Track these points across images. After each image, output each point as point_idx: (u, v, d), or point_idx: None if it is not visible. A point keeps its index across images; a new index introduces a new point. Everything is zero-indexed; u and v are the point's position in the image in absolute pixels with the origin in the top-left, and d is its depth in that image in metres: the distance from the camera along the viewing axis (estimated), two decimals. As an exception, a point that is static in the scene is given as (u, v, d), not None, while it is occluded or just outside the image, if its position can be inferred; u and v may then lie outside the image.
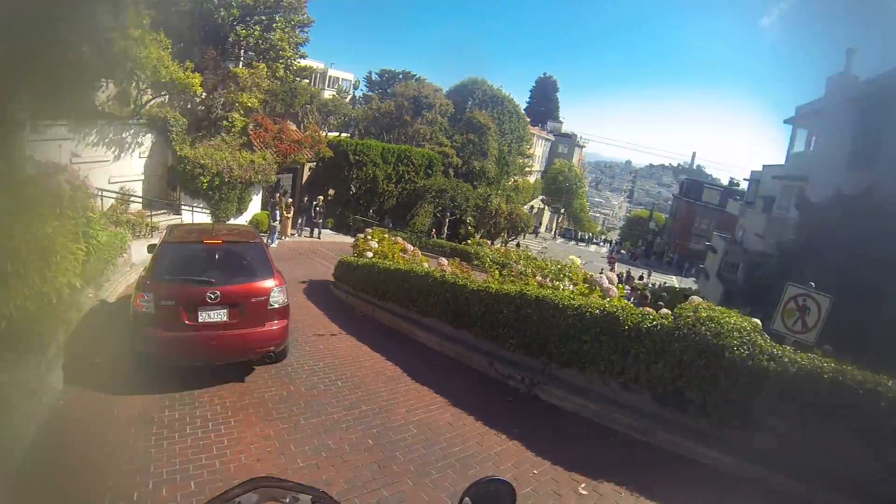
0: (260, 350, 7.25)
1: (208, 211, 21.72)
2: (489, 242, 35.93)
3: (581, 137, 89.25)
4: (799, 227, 19.92)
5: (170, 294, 6.75)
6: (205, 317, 6.81)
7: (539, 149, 74.19)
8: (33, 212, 5.80)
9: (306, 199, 25.03)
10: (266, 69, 24.25)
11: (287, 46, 26.88)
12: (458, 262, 15.62)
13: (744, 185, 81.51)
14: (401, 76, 51.47)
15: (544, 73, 69.59)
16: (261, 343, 7.18)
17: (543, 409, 7.84)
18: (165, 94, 22.42)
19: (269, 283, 7.30)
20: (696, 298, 8.70)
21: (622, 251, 73.33)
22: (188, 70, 20.78)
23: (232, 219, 22.96)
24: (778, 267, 19.34)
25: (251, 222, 23.65)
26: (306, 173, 28.57)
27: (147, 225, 17.26)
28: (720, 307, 7.27)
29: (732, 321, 6.52)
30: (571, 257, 12.81)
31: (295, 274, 17.49)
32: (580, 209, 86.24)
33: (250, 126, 23.86)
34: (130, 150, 20.39)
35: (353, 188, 28.24)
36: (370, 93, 50.57)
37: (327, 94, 36.78)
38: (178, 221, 20.74)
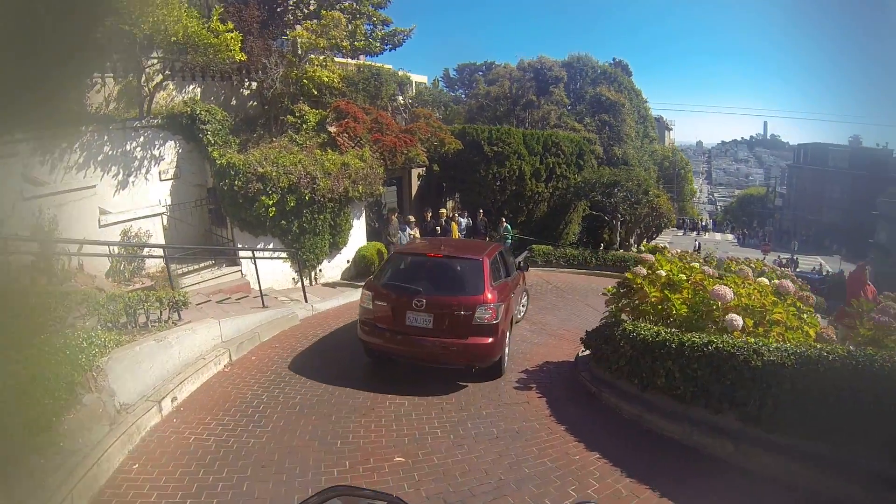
0: (461, 362, 7.29)
1: (284, 255, 12.71)
2: (667, 248, 26.03)
3: (668, 120, 79.58)
4: None
5: (384, 296, 7.49)
6: (412, 320, 7.20)
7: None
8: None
9: (430, 216, 15.66)
10: (343, 19, 15.09)
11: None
12: None
13: (866, 143, 70.89)
14: (483, 69, 42.47)
15: (613, 59, 59.13)
16: (462, 355, 7.18)
17: None
18: (194, 86, 13.81)
19: (476, 298, 7.24)
20: None
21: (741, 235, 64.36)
22: (213, 22, 12.00)
23: (325, 260, 13.88)
24: None
25: (356, 262, 14.50)
26: (414, 183, 19.26)
27: (168, 300, 8.07)
28: None
29: None
30: None
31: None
32: (690, 195, 75.80)
33: (330, 119, 14.83)
34: (143, 169, 12.03)
35: (496, 192, 18.63)
36: (452, 92, 41.84)
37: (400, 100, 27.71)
38: (237, 277, 11.91)
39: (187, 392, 6.80)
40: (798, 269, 32.73)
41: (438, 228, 15.15)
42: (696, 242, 44.53)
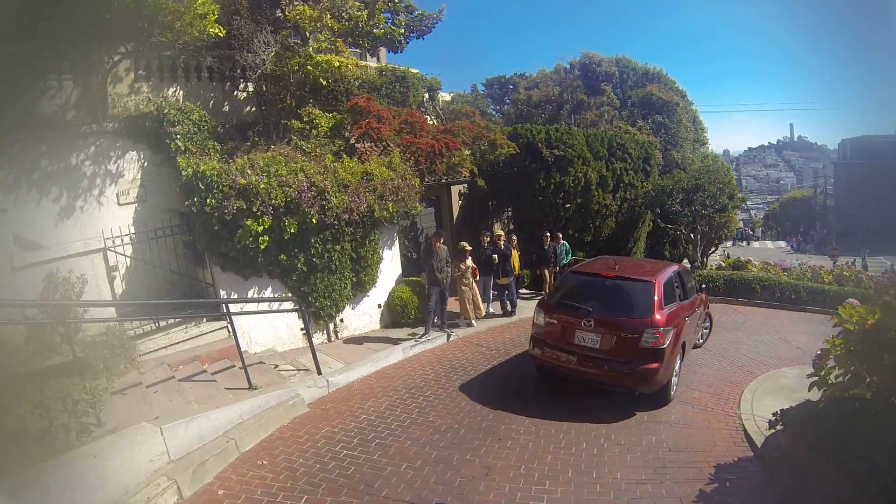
0: (625, 385, 7.05)
1: (291, 304, 9.03)
2: (751, 261, 22.48)
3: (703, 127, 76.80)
4: None
5: (555, 314, 7.54)
6: (580, 339, 7.17)
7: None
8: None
9: (487, 240, 11.94)
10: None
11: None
12: None
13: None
14: (512, 82, 39.06)
15: (646, 63, 55.25)
16: (627, 378, 6.94)
17: None
18: (175, 88, 10.52)
19: (644, 321, 6.98)
20: None
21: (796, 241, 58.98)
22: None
23: (348, 306, 10.13)
24: None
25: (390, 306, 10.81)
26: (455, 202, 15.65)
27: (68, 399, 4.58)
28: None
29: None
30: None
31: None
32: (739, 202, 71.72)
33: (347, 123, 11.35)
34: (94, 190, 8.71)
35: (559, 208, 14.99)
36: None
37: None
38: (223, 337, 8.31)
39: None
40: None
41: (496, 256, 11.47)
42: (725, 252, 39.74)
